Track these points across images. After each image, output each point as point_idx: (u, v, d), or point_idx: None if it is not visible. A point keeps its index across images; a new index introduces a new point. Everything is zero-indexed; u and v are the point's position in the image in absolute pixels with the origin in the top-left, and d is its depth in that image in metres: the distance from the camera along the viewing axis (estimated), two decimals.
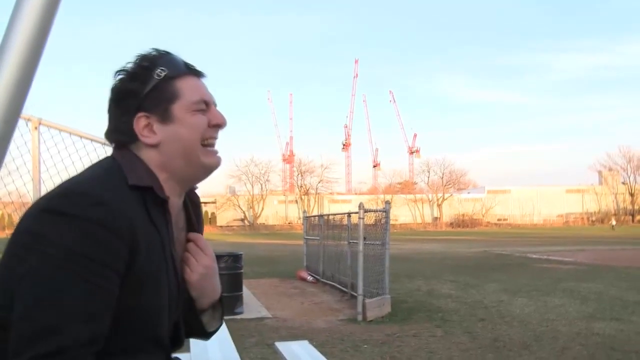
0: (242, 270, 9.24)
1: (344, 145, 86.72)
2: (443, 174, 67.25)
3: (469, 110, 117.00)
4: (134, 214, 1.21)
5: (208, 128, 1.36)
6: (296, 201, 60.48)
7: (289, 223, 60.38)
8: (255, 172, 61.88)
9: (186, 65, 1.38)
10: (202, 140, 1.35)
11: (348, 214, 10.76)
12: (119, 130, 1.34)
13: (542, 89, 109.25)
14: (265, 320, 8.56)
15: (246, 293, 10.11)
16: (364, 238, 9.15)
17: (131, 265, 1.18)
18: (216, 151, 1.38)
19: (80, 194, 1.16)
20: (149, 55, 1.36)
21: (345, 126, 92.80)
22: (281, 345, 3.39)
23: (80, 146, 4.01)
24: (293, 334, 7.28)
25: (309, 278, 13.10)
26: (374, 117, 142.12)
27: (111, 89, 1.35)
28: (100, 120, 1.41)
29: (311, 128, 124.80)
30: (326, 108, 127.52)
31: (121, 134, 1.34)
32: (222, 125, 1.39)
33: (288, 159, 77.78)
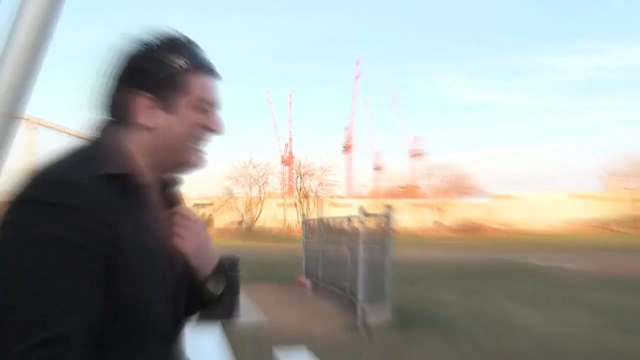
0: (239, 274, 9.23)
1: (345, 147, 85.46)
2: (446, 178, 67.23)
3: (469, 110, 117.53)
4: (115, 200, 1.20)
5: (202, 128, 1.37)
6: (295, 204, 58.68)
7: (288, 226, 59.72)
8: (253, 174, 61.02)
9: (208, 63, 1.38)
10: (193, 138, 1.36)
11: (348, 218, 10.75)
12: (113, 106, 1.32)
13: (542, 89, 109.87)
14: (262, 326, 8.56)
15: (243, 298, 10.11)
16: (365, 242, 9.15)
17: (117, 251, 1.17)
18: (204, 153, 1.39)
19: (57, 180, 1.15)
20: (178, 41, 1.35)
21: (346, 128, 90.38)
22: (279, 352, 3.38)
23: None
24: (291, 341, 7.27)
25: (308, 283, 13.09)
26: (376, 119, 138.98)
27: (123, 59, 1.30)
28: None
29: (311, 129, 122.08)
30: (327, 109, 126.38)
31: (114, 111, 1.32)
32: (218, 132, 1.40)
33: (287, 161, 76.13)
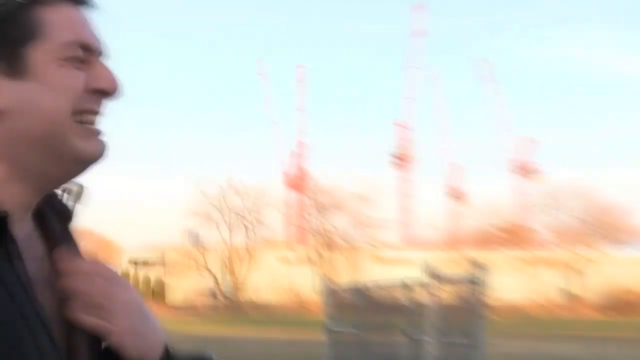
0: None
1: (398, 158, 57.14)
2: (580, 213, 43.89)
3: (614, 89, 71.89)
4: None
5: (86, 93, 0.96)
6: (311, 260, 41.61)
7: (299, 300, 41.30)
8: (236, 207, 41.55)
9: None
10: (75, 111, 0.95)
11: (407, 286, 9.21)
12: None
13: None
14: None
15: None
16: (438, 330, 7.57)
17: None
18: (98, 131, 0.99)
19: None
20: None
21: (399, 123, 59.39)
22: None
23: None
24: None
25: None
26: (453, 108, 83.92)
27: None
28: None
29: (336, 126, 77.27)
30: (363, 91, 76.48)
31: None
32: (111, 91, 0.98)
33: (296, 182, 51.68)
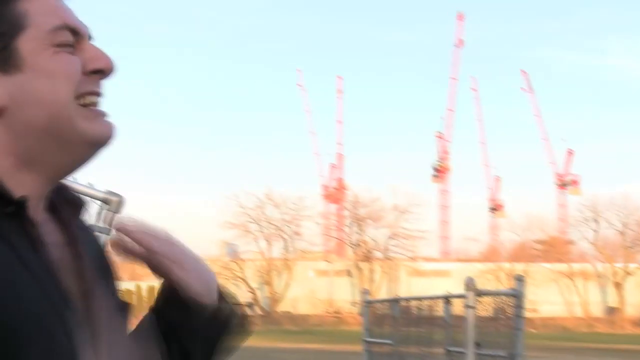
0: None
1: (437, 170, 58.02)
2: (626, 226, 43.03)
3: None
4: None
5: (83, 76, 0.95)
6: (349, 272, 41.78)
7: (336, 312, 41.66)
8: (274, 219, 41.41)
9: None
10: (77, 95, 0.95)
11: (446, 299, 9.05)
12: None
13: None
14: None
15: None
16: (477, 344, 7.56)
17: None
18: (103, 113, 0.98)
19: None
20: None
21: (438, 135, 60.57)
22: None
23: None
24: None
25: None
26: (492, 119, 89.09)
27: None
28: None
29: (375, 139, 79.68)
30: (402, 102, 79.24)
31: None
32: (106, 70, 0.98)
33: (334, 195, 53.17)
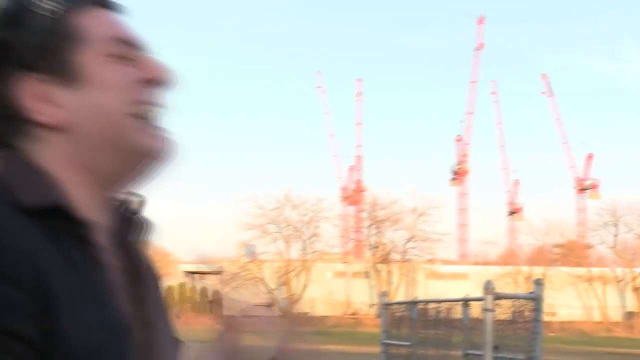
0: None
1: (456, 173, 58.40)
2: None
3: None
4: (39, 252, 0.87)
5: (140, 87, 0.98)
6: (366, 274, 41.76)
7: (353, 314, 41.63)
8: (293, 220, 41.37)
9: None
10: (132, 107, 0.97)
11: (464, 302, 9.15)
12: None
13: None
14: None
15: None
16: (495, 347, 7.65)
17: (50, 328, 0.85)
18: (158, 126, 1.00)
19: None
20: None
21: (458, 139, 60.34)
22: None
23: None
24: None
25: None
26: (511, 123, 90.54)
27: None
28: None
29: (393, 141, 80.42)
30: (422, 105, 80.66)
31: None
32: (163, 80, 1.00)
33: (352, 197, 53.06)
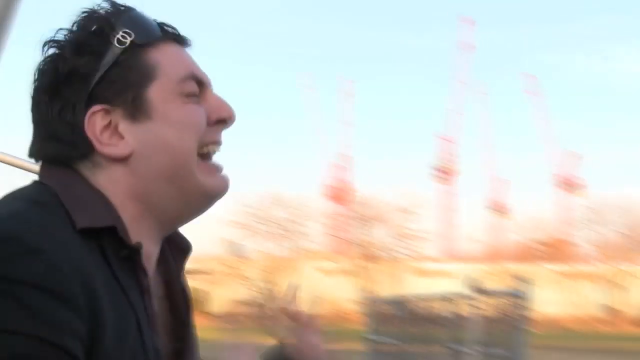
0: None
1: (441, 172, 58.20)
2: (624, 228, 43.46)
3: None
4: (93, 274, 0.91)
5: (206, 126, 1.04)
6: (353, 272, 42.29)
7: (338, 311, 41.91)
8: (279, 218, 42.13)
9: (161, 26, 1.05)
10: (200, 146, 1.03)
11: (449, 299, 9.54)
12: (58, 137, 1.01)
13: None
14: None
15: None
16: (479, 343, 7.90)
17: (94, 349, 0.89)
18: (220, 167, 1.07)
19: (4, 241, 0.88)
20: (101, 12, 1.03)
21: (442, 138, 60.86)
22: None
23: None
24: None
25: None
26: (498, 122, 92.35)
27: (40, 71, 1.02)
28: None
29: (378, 139, 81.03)
30: (408, 104, 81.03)
31: (61, 144, 1.01)
32: (230, 120, 1.08)
33: (338, 195, 53.23)
